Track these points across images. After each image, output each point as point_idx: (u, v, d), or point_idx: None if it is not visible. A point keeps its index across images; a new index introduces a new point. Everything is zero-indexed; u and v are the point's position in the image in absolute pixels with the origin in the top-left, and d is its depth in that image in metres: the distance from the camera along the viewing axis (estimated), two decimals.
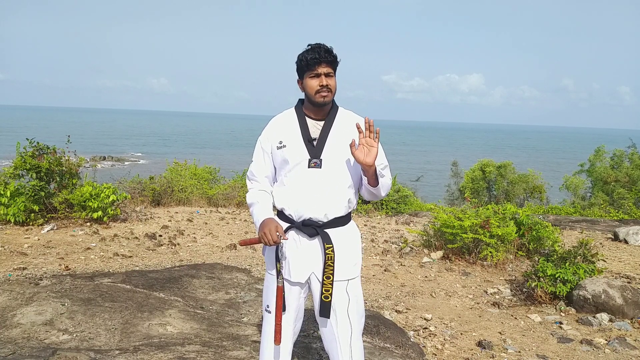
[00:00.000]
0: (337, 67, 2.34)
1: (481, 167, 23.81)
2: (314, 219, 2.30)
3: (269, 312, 2.43)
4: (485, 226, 6.19)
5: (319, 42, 2.30)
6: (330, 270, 2.28)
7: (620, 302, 4.62)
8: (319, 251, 2.33)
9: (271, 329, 2.40)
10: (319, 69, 2.27)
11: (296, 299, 2.40)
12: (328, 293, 2.29)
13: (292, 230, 2.35)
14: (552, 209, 14.53)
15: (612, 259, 6.79)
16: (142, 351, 3.30)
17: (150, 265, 5.68)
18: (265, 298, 2.48)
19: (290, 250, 2.35)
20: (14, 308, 3.88)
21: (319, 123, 2.36)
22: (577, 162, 24.28)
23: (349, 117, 2.40)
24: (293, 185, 2.33)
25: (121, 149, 57.57)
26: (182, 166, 12.83)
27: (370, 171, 2.26)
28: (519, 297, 5.22)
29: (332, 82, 2.30)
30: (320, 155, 2.30)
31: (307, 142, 2.32)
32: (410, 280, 5.75)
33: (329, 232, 2.32)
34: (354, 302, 2.35)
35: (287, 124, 2.39)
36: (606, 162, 22.85)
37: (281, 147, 2.34)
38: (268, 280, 2.47)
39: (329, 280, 2.28)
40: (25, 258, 5.57)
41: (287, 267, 2.36)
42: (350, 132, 2.33)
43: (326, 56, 2.26)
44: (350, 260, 2.36)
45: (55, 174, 7.48)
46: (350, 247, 2.37)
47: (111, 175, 11.63)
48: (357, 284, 2.39)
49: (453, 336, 4.22)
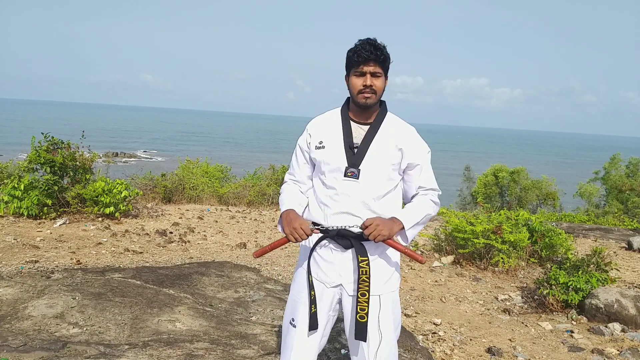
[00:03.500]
0: (387, 67, 2.14)
1: (494, 172, 23.66)
2: (348, 229, 2.12)
3: (293, 326, 2.23)
4: (497, 232, 6.14)
5: (370, 38, 2.11)
6: (365, 286, 2.08)
7: (634, 312, 4.55)
8: (350, 264, 2.15)
9: (294, 342, 2.21)
10: (364, 67, 2.09)
11: (326, 312, 2.21)
12: (364, 313, 2.09)
13: (325, 239, 2.18)
14: (566, 216, 14.39)
15: (625, 268, 6.70)
16: (151, 347, 3.31)
17: (160, 261, 5.70)
18: (291, 310, 2.27)
19: (324, 257, 2.20)
20: (26, 300, 3.92)
21: (364, 128, 2.17)
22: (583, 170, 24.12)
23: (396, 124, 2.22)
24: (327, 194, 2.17)
25: (131, 145, 58.01)
26: (193, 164, 12.91)
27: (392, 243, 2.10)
28: (530, 305, 5.17)
29: (378, 83, 2.11)
30: (359, 164, 2.12)
31: (347, 148, 2.14)
32: (420, 285, 5.72)
33: (365, 244, 2.13)
34: (387, 312, 2.17)
35: (330, 125, 2.22)
36: (621, 170, 22.59)
37: (320, 147, 2.19)
38: (296, 288, 2.29)
39: (364, 298, 2.09)
40: (38, 251, 5.62)
41: (318, 271, 2.21)
42: (396, 141, 2.16)
43: (374, 54, 2.07)
44: (385, 276, 2.18)
45: (69, 168, 7.55)
46: (387, 262, 2.20)
47: (123, 172, 11.71)
48: (392, 298, 2.20)
49: (462, 342, 4.18)
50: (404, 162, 2.19)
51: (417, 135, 2.24)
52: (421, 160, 2.21)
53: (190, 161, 13.13)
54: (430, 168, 2.24)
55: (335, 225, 2.14)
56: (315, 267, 2.22)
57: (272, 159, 16.34)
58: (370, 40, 2.09)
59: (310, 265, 2.22)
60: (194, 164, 12.93)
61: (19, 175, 7.38)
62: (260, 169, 13.37)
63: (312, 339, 2.21)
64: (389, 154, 2.15)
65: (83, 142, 7.99)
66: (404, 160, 2.18)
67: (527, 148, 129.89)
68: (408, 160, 2.19)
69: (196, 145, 63.78)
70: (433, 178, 2.24)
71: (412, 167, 2.21)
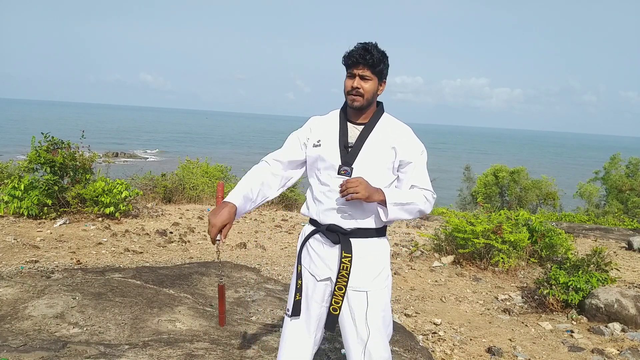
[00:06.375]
0: (380, 70, 2.15)
1: (494, 172, 23.65)
2: (338, 225, 2.19)
3: (289, 316, 2.31)
4: (497, 232, 6.14)
5: (369, 42, 2.14)
6: (343, 281, 2.16)
7: (634, 312, 4.55)
8: (338, 259, 2.20)
9: (290, 334, 2.28)
10: (354, 70, 2.14)
11: (318, 304, 2.26)
12: (337, 305, 2.18)
13: (317, 234, 2.26)
14: (566, 216, 14.39)
15: (625, 268, 6.70)
16: (152, 347, 3.31)
17: (160, 261, 5.70)
18: (289, 301, 2.36)
19: (315, 250, 2.26)
20: (26, 300, 3.92)
21: (359, 128, 2.22)
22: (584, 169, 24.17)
23: (391, 124, 2.25)
24: (321, 190, 2.23)
25: (131, 145, 58.00)
26: (193, 164, 12.91)
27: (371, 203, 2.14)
28: (530, 304, 5.17)
29: (367, 86, 2.14)
30: (352, 163, 2.17)
31: (342, 147, 2.20)
32: (420, 284, 5.72)
33: (353, 241, 2.19)
34: (375, 309, 2.20)
35: (328, 125, 2.28)
36: (621, 170, 22.60)
37: (317, 145, 2.24)
38: (292, 279, 2.37)
39: (340, 292, 2.17)
40: (38, 251, 5.62)
41: (310, 264, 2.28)
42: (389, 141, 2.19)
43: (363, 57, 2.11)
44: (372, 272, 2.21)
45: (69, 168, 7.55)
46: (375, 260, 2.23)
47: (123, 172, 11.71)
48: (381, 294, 2.23)
49: (462, 342, 4.18)
50: (397, 161, 2.21)
51: (413, 135, 2.27)
52: (414, 159, 2.23)
53: (190, 161, 13.13)
54: (425, 169, 2.27)
55: (322, 216, 2.22)
56: (307, 259, 2.30)
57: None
58: (364, 44, 2.13)
59: (301, 256, 2.31)
60: (194, 164, 12.93)
61: (19, 175, 7.38)
62: None
63: (302, 328, 2.27)
64: (382, 154, 2.19)
65: (83, 142, 7.99)
66: (397, 158, 2.21)
67: (527, 148, 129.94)
68: (401, 158, 2.21)
69: (196, 145, 63.83)
70: (427, 179, 2.26)
71: (405, 165, 2.23)
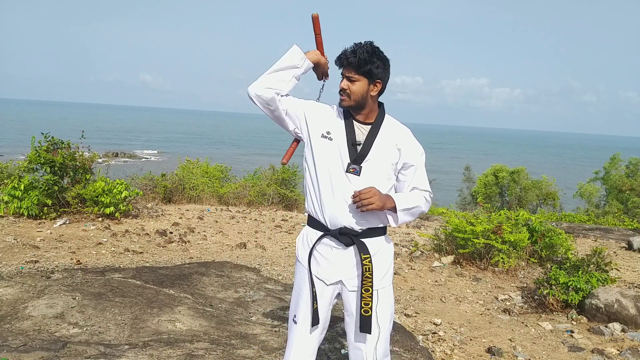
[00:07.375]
0: (367, 71, 2.12)
1: (494, 172, 23.64)
2: (349, 227, 2.18)
3: (295, 323, 2.30)
4: (497, 232, 6.14)
5: (363, 42, 2.13)
6: (369, 282, 2.16)
7: (634, 312, 4.55)
8: (351, 261, 2.21)
9: (297, 340, 2.29)
10: (343, 71, 2.16)
11: (326, 308, 2.28)
12: (368, 307, 2.17)
13: (326, 237, 2.23)
14: (566, 216, 14.38)
15: (625, 268, 6.70)
16: (152, 347, 3.31)
17: (160, 261, 5.70)
18: (294, 307, 2.34)
19: (323, 254, 2.24)
20: (26, 300, 3.92)
21: (365, 127, 2.22)
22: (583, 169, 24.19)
23: (394, 126, 2.27)
24: (329, 190, 2.19)
25: (131, 145, 57.98)
26: (193, 164, 12.91)
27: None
28: (530, 305, 5.17)
29: (354, 87, 2.13)
30: (362, 161, 2.16)
31: (350, 144, 2.17)
32: (420, 285, 5.72)
33: (365, 241, 2.19)
34: (385, 306, 2.25)
35: (337, 120, 2.24)
36: (621, 170, 22.59)
37: (327, 137, 2.20)
38: (297, 285, 2.34)
39: (368, 294, 2.17)
40: (38, 251, 5.62)
41: (318, 268, 2.26)
42: (395, 141, 2.21)
43: (348, 59, 2.12)
44: (381, 271, 2.25)
45: (69, 168, 7.55)
46: (382, 258, 2.26)
47: (124, 172, 11.71)
48: (388, 292, 2.28)
49: (462, 342, 4.18)
50: (400, 162, 2.24)
51: (413, 137, 2.30)
52: (416, 161, 2.26)
53: (190, 161, 13.13)
54: (424, 170, 2.29)
55: (332, 220, 2.19)
56: (315, 265, 2.27)
57: (272, 159, 16.33)
58: (355, 45, 2.13)
59: (310, 263, 2.28)
60: (194, 164, 12.93)
61: (19, 175, 7.38)
62: (260, 169, 13.38)
63: (312, 334, 2.28)
64: (389, 153, 2.20)
65: (83, 142, 8.00)
66: (400, 159, 2.23)
67: (527, 148, 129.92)
68: (404, 160, 2.24)
69: (196, 145, 63.81)
70: (426, 180, 2.29)
71: (407, 167, 2.26)
